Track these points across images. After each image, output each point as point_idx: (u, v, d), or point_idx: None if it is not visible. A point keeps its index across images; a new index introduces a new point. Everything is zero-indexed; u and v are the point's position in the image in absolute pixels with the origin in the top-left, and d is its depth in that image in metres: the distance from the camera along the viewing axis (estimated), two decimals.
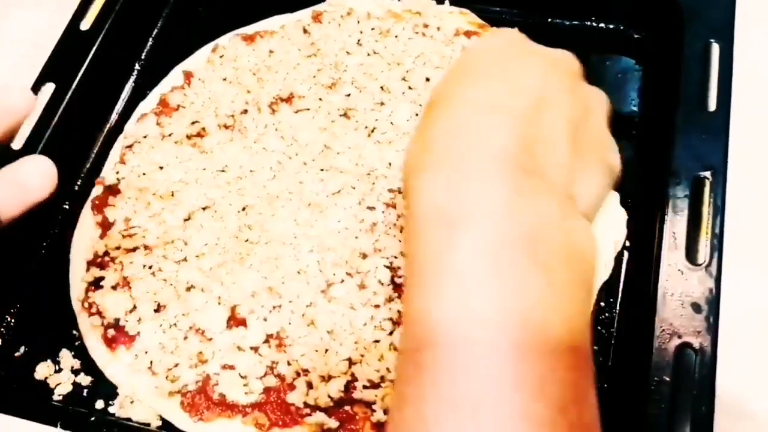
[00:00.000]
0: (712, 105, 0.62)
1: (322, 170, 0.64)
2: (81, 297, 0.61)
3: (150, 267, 0.60)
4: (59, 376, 0.60)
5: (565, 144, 0.43)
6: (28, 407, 0.56)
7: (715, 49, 0.65)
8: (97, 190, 0.66)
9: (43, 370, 0.60)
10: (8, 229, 0.42)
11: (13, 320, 0.64)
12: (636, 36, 0.75)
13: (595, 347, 0.59)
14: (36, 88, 0.69)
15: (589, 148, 0.46)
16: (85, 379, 0.60)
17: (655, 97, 0.69)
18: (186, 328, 0.57)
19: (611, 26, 0.76)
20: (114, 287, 0.60)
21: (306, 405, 0.54)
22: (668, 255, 0.56)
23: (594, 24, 0.76)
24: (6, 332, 0.63)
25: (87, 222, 0.65)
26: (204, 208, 0.63)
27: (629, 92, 0.72)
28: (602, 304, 0.60)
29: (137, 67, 0.79)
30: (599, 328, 0.59)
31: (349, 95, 0.68)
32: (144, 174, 0.65)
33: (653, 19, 0.72)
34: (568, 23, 0.76)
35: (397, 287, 0.58)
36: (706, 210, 0.58)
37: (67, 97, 0.69)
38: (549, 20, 0.76)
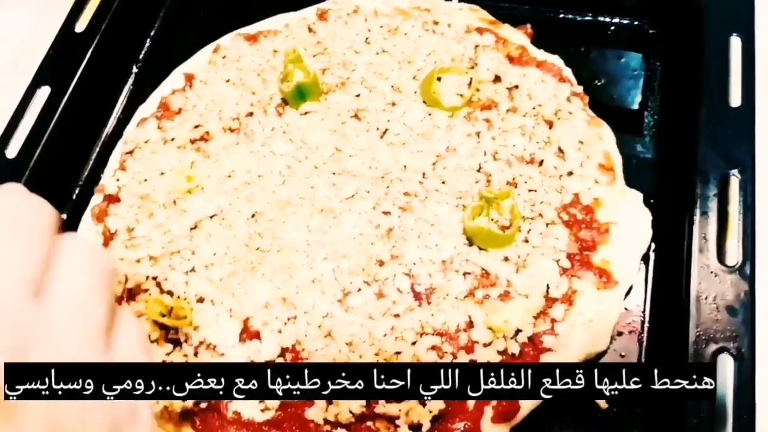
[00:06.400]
0: (736, 101, 0.60)
1: (333, 174, 0.61)
2: None
3: (155, 278, 0.57)
4: None
5: None
6: None
7: (736, 42, 0.63)
8: (96, 199, 0.63)
9: None
10: None
11: None
12: (651, 31, 0.73)
13: (622, 354, 0.56)
14: (31, 91, 0.66)
15: None
16: None
17: (675, 94, 0.67)
18: (196, 343, 0.54)
19: (625, 21, 0.73)
20: (118, 301, 0.57)
21: (326, 421, 0.51)
22: (699, 257, 0.54)
23: (608, 19, 0.74)
24: None
25: (87, 232, 0.62)
26: (211, 216, 0.60)
27: (644, 89, 0.70)
28: (628, 309, 0.58)
29: (134, 69, 0.76)
30: (628, 333, 0.57)
31: (359, 95, 0.65)
32: (146, 180, 0.62)
33: (669, 13, 0.70)
34: (580, 18, 0.74)
35: (418, 295, 0.55)
36: (736, 209, 0.56)
37: (64, 101, 0.66)
38: (561, 15, 0.74)
